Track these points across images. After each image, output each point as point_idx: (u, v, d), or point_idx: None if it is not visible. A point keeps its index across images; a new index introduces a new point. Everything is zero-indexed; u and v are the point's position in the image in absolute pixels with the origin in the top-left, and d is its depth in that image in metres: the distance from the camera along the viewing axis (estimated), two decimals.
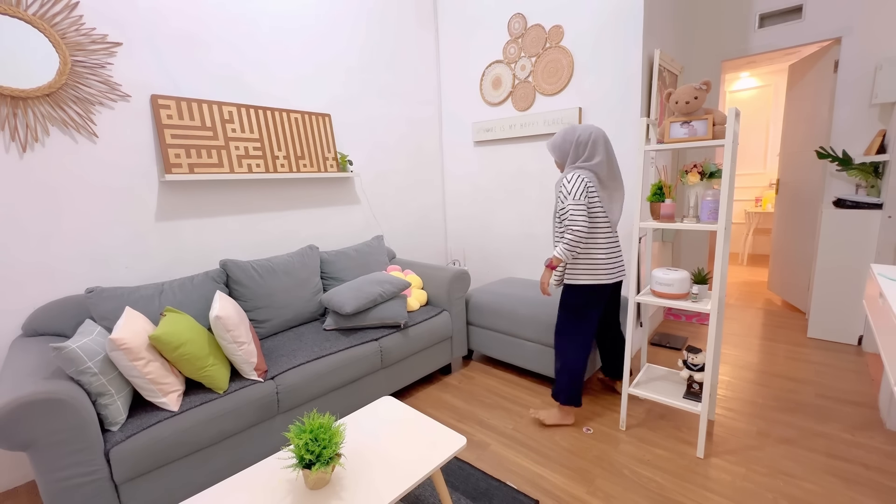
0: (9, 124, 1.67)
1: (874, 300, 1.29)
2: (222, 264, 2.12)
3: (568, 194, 1.81)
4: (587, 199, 1.82)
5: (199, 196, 2.22)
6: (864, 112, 2.80)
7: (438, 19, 3.39)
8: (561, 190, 1.86)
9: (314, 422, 1.16)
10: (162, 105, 2.00)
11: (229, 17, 2.26)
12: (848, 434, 1.88)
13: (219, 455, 1.62)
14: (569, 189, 1.82)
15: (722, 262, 1.64)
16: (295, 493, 1.16)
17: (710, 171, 1.75)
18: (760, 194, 5.29)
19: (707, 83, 1.59)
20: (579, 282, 1.90)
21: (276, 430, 1.78)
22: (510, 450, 1.89)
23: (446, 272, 2.55)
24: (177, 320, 1.60)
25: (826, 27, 2.89)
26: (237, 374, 1.75)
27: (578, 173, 1.84)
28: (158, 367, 1.50)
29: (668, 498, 1.57)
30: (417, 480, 1.20)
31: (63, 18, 1.75)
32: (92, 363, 1.37)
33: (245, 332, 1.71)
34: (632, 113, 2.48)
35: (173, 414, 1.50)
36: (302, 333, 2.15)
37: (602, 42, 2.52)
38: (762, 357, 2.67)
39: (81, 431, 1.29)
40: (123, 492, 1.40)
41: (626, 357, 1.93)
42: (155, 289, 1.86)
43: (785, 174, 3.62)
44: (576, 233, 1.78)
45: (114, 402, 1.42)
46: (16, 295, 1.74)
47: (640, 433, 1.96)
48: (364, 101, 2.96)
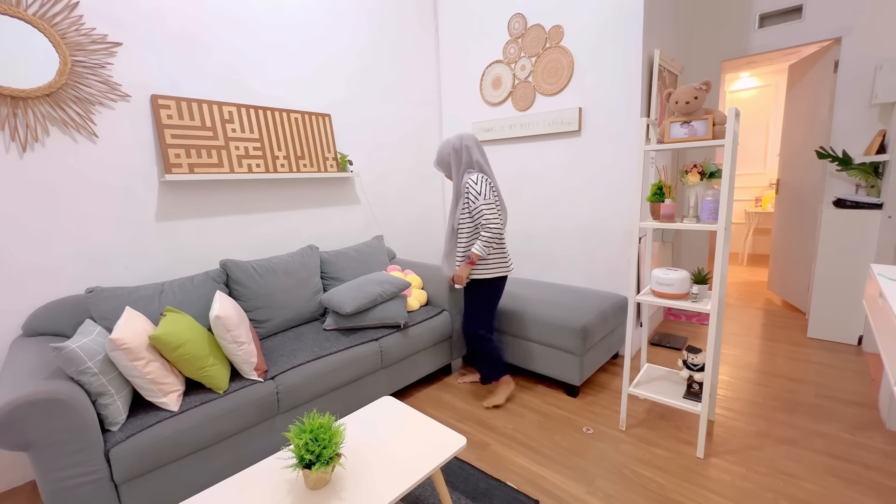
0: (9, 124, 1.67)
1: (874, 300, 1.29)
2: (222, 264, 2.12)
3: (478, 195, 1.98)
4: (493, 197, 2.01)
5: (199, 196, 2.22)
6: (864, 112, 2.80)
7: (438, 19, 3.40)
8: (468, 193, 2.00)
9: (314, 422, 1.16)
10: (162, 105, 2.00)
11: (230, 16, 2.26)
12: (848, 434, 1.88)
13: (219, 455, 1.62)
14: (478, 190, 1.98)
15: (722, 262, 1.64)
16: (295, 493, 1.16)
17: (710, 171, 1.75)
18: (760, 194, 5.29)
19: (707, 83, 1.59)
20: (493, 275, 2.10)
21: (276, 430, 1.78)
22: (510, 450, 1.89)
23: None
24: (177, 320, 1.60)
25: (826, 27, 2.89)
26: (237, 374, 1.75)
27: (479, 175, 2.02)
28: (158, 367, 1.50)
29: (668, 498, 1.57)
30: (417, 480, 1.20)
31: (63, 18, 1.75)
32: (92, 363, 1.37)
33: (245, 332, 1.71)
34: (632, 113, 2.48)
35: (173, 414, 1.50)
36: (302, 333, 2.15)
37: (602, 42, 2.52)
38: (762, 357, 2.67)
39: (82, 431, 1.29)
40: (123, 492, 1.40)
41: (626, 357, 1.93)
42: (155, 289, 1.86)
43: (785, 174, 3.62)
44: (492, 230, 1.98)
45: (114, 402, 1.41)
46: (15, 295, 1.74)
47: (640, 433, 1.96)
48: (364, 101, 2.96)
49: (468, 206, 2.02)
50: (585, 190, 2.75)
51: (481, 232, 1.99)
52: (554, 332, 2.25)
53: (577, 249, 2.85)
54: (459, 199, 2.09)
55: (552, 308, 2.34)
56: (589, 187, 2.73)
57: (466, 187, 2.01)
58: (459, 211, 2.09)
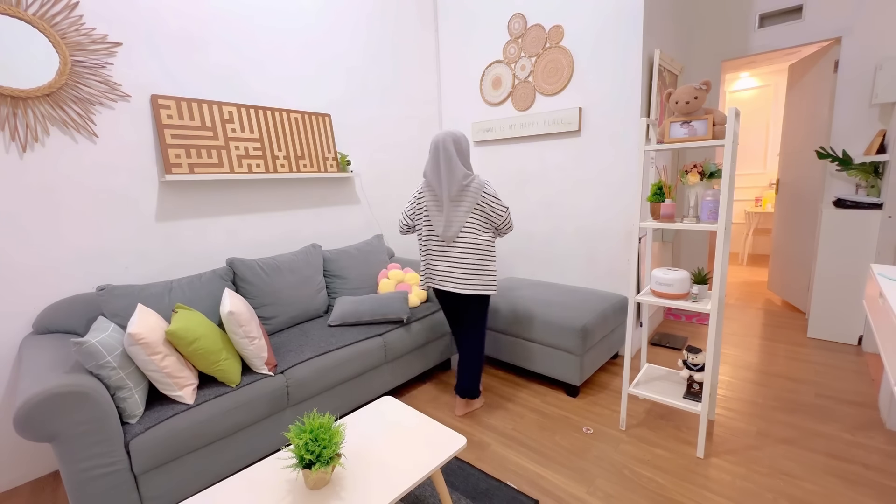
0: (9, 124, 1.67)
1: (874, 300, 1.29)
2: (229, 262, 2.14)
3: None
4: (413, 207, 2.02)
5: (199, 196, 2.22)
6: (864, 112, 2.80)
7: (439, 19, 3.39)
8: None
9: (314, 422, 1.16)
10: (162, 105, 2.00)
11: (229, 16, 2.26)
12: (848, 434, 1.88)
13: (232, 446, 1.66)
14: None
15: (722, 262, 1.64)
16: (295, 493, 1.16)
17: (710, 171, 1.75)
18: (760, 194, 5.29)
19: (707, 83, 1.59)
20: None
21: (285, 422, 1.83)
22: (510, 450, 1.89)
23: None
24: (189, 316, 1.63)
25: (826, 27, 2.89)
26: (247, 368, 1.79)
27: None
28: (174, 361, 1.54)
29: (668, 498, 1.57)
30: (417, 480, 1.20)
31: (63, 18, 1.75)
32: (111, 357, 1.40)
33: (256, 328, 1.75)
34: (632, 113, 2.48)
35: (189, 407, 1.54)
36: (307, 330, 2.19)
37: (602, 42, 2.52)
38: (762, 357, 2.67)
39: (103, 423, 1.33)
40: (142, 482, 1.44)
41: (626, 357, 1.93)
42: (164, 286, 1.89)
43: (785, 174, 3.62)
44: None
45: (132, 395, 1.45)
46: (16, 294, 1.74)
47: (640, 433, 1.96)
48: (364, 102, 2.96)
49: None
50: (585, 190, 2.75)
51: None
52: (554, 332, 2.25)
53: (578, 249, 2.85)
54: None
55: (552, 308, 2.34)
56: (589, 187, 2.73)
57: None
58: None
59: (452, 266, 1.93)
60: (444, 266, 1.95)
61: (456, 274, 1.92)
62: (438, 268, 1.98)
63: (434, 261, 1.99)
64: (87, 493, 1.31)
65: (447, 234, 1.90)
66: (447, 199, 1.88)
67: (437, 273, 1.98)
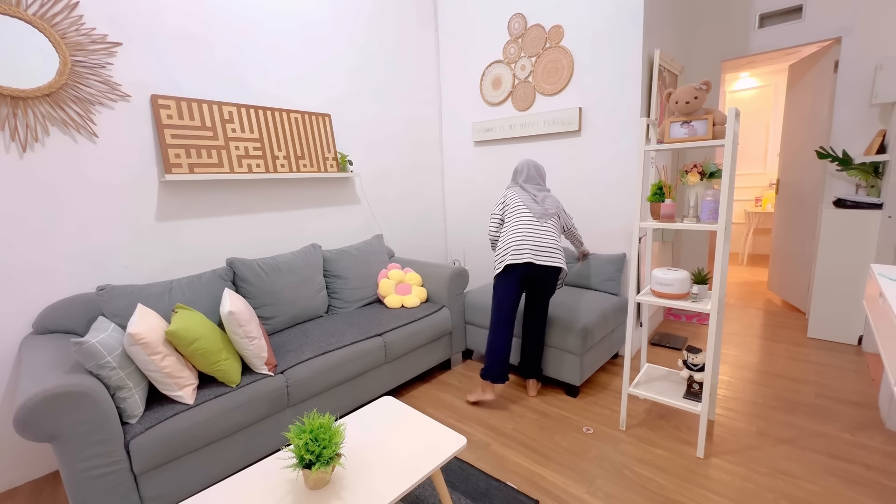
0: (9, 124, 1.67)
1: (874, 300, 1.29)
2: (229, 262, 2.14)
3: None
4: (499, 207, 2.35)
5: (198, 196, 2.22)
6: (864, 112, 2.80)
7: (438, 19, 3.39)
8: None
9: (314, 422, 1.16)
10: (162, 105, 2.00)
11: (229, 16, 2.26)
12: (848, 434, 1.88)
13: (232, 447, 1.66)
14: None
15: (722, 262, 1.64)
16: (295, 493, 1.16)
17: (710, 171, 1.75)
18: (760, 194, 5.29)
19: (707, 83, 1.59)
20: (497, 269, 2.17)
21: (286, 422, 1.83)
22: (510, 450, 1.89)
23: (445, 270, 2.58)
24: (189, 316, 1.63)
25: (826, 27, 2.89)
26: (247, 368, 1.78)
27: (506, 189, 2.37)
28: (174, 361, 1.54)
29: (668, 498, 1.57)
30: (417, 480, 1.20)
31: (63, 18, 1.75)
32: (111, 357, 1.40)
33: (256, 328, 1.75)
34: (632, 113, 2.48)
35: (189, 407, 1.54)
36: (307, 330, 2.19)
37: (602, 42, 2.52)
38: (762, 357, 2.67)
39: (103, 423, 1.33)
40: (142, 482, 1.44)
41: (626, 357, 1.93)
42: (164, 286, 1.89)
43: (785, 174, 3.62)
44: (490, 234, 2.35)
45: (132, 395, 1.45)
46: (16, 294, 1.74)
47: (640, 433, 1.96)
48: (364, 101, 2.96)
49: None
50: (585, 190, 2.75)
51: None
52: (554, 332, 2.25)
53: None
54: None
55: (552, 308, 2.34)
56: (589, 187, 2.74)
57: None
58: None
59: (544, 243, 2.14)
60: (537, 242, 2.13)
61: (547, 250, 2.13)
62: (529, 245, 2.13)
63: (526, 240, 2.15)
64: (87, 493, 1.31)
65: (544, 213, 2.21)
66: (540, 198, 2.25)
67: (527, 250, 2.12)
